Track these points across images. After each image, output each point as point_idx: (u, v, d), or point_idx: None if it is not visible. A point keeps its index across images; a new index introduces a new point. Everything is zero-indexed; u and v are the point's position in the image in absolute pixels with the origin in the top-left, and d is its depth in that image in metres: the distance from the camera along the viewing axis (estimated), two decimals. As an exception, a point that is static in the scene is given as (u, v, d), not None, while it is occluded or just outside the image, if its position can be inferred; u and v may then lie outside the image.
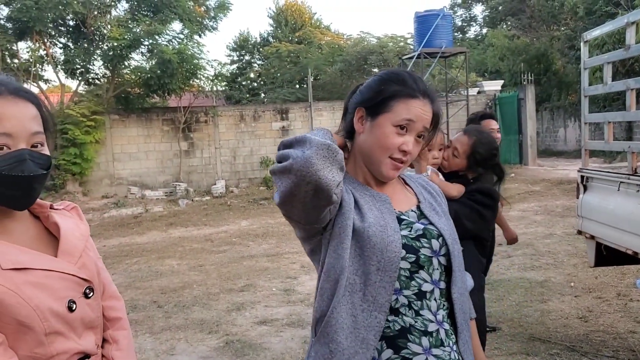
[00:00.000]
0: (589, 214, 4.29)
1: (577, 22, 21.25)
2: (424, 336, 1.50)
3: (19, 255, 1.29)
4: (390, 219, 1.53)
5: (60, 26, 16.04)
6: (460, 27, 36.08)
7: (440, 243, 1.57)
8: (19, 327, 1.25)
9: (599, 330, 4.71)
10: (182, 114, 16.30)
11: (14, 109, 1.28)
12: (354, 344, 1.46)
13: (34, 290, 1.27)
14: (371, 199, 1.58)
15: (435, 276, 1.55)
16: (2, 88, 1.29)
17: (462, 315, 1.60)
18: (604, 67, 4.18)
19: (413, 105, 1.56)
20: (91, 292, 1.40)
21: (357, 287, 1.48)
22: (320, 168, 1.35)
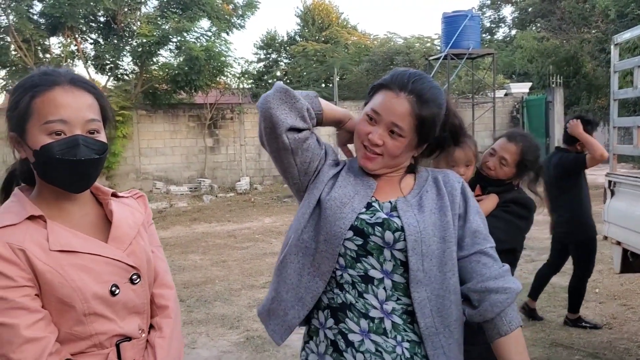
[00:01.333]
0: (615, 220, 4.23)
1: (608, 25, 20.88)
2: (363, 318, 1.55)
3: (70, 238, 1.37)
4: (358, 201, 1.59)
5: (91, 22, 16.30)
6: (488, 29, 35.73)
7: (395, 237, 1.53)
8: (61, 305, 1.33)
9: (623, 337, 4.64)
10: (208, 110, 16.45)
11: (70, 97, 1.36)
12: (293, 299, 1.60)
13: (78, 272, 1.34)
14: (355, 179, 1.65)
15: (386, 267, 1.55)
16: (62, 78, 1.37)
17: (431, 319, 1.53)
18: (634, 70, 4.12)
19: (385, 97, 1.59)
20: (138, 279, 1.46)
21: (310, 251, 1.59)
22: (273, 107, 1.53)
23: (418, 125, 1.57)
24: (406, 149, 1.61)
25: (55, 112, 1.34)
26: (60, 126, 1.34)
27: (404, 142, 1.58)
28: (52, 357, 1.30)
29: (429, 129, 1.60)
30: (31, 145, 1.36)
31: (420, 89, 1.58)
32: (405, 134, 1.57)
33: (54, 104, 1.34)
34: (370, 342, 1.54)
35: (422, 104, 1.57)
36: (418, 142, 1.62)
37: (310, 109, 1.61)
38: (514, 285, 1.55)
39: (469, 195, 1.66)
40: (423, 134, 1.60)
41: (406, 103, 1.56)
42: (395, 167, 1.67)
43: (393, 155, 1.60)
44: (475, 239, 1.59)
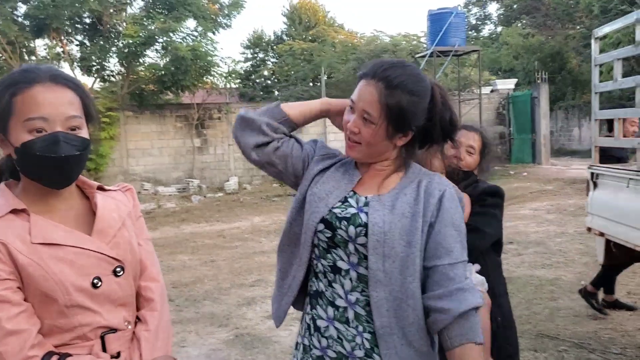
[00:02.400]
0: (598, 211, 4.29)
1: (593, 21, 21.07)
2: (330, 306, 1.65)
3: (52, 231, 1.39)
4: (336, 195, 1.66)
5: (77, 24, 16.20)
6: (474, 26, 35.90)
7: (357, 232, 1.56)
8: (43, 298, 1.34)
9: (608, 328, 4.71)
10: (195, 110, 16.42)
11: (50, 94, 1.37)
12: (286, 287, 1.75)
13: (60, 265, 1.36)
14: (343, 174, 1.71)
15: (352, 259, 1.60)
16: (42, 75, 1.38)
17: (387, 319, 1.54)
18: (614, 63, 4.18)
19: (360, 85, 1.62)
20: (121, 271, 1.47)
21: (296, 241, 1.70)
22: (238, 135, 1.74)
23: (387, 112, 1.56)
24: (380, 137, 1.59)
25: (35, 110, 1.35)
26: (41, 123, 1.35)
27: (375, 129, 1.57)
28: (34, 349, 1.32)
29: (400, 116, 1.57)
30: (13, 142, 1.37)
31: (389, 76, 1.57)
32: (375, 121, 1.57)
33: (34, 101, 1.35)
34: (333, 328, 1.63)
35: (389, 90, 1.56)
36: (393, 130, 1.59)
37: (270, 122, 1.71)
38: (454, 306, 1.49)
39: (448, 205, 1.59)
40: (394, 121, 1.57)
41: (374, 89, 1.57)
42: (379, 158, 1.66)
43: (368, 143, 1.60)
44: (436, 252, 1.55)
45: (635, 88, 3.91)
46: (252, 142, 1.71)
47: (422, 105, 1.60)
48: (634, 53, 3.94)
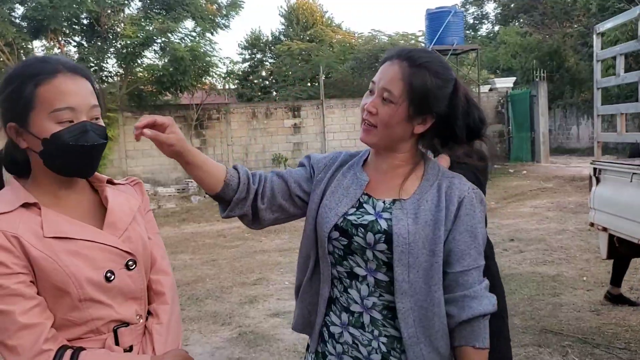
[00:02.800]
0: (601, 206, 4.29)
1: (590, 19, 21.09)
2: (344, 312, 1.62)
3: (65, 225, 1.38)
4: (346, 202, 1.60)
5: (75, 25, 16.19)
6: (472, 25, 35.96)
7: (376, 239, 1.52)
8: (56, 291, 1.34)
9: (611, 323, 4.71)
10: (194, 111, 16.41)
11: (74, 85, 1.37)
12: (314, 308, 1.68)
13: (72, 258, 1.35)
14: (350, 180, 1.64)
15: (370, 265, 1.56)
16: (61, 66, 1.37)
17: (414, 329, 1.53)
18: (616, 58, 4.18)
19: (382, 67, 1.58)
20: (134, 265, 1.46)
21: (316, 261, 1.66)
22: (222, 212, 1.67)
23: (409, 90, 1.51)
24: (399, 117, 1.53)
25: (62, 100, 1.34)
26: (69, 114, 1.35)
27: (395, 109, 1.52)
28: (48, 342, 1.30)
29: (422, 97, 1.51)
30: (37, 134, 1.35)
31: (414, 55, 1.54)
32: (396, 100, 1.51)
33: (59, 91, 1.35)
34: (348, 334, 1.60)
35: (414, 69, 1.51)
36: (414, 112, 1.53)
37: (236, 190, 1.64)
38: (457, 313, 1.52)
39: (465, 212, 1.55)
40: (416, 101, 1.51)
41: (397, 67, 1.53)
42: (395, 146, 1.59)
43: (386, 124, 1.53)
44: (448, 258, 1.53)
45: (637, 83, 3.92)
46: (237, 213, 1.66)
47: (445, 91, 1.54)
48: (637, 48, 3.94)
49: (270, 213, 1.67)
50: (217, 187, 1.63)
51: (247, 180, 1.65)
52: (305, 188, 1.69)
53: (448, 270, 1.53)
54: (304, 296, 1.71)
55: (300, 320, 1.74)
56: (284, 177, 1.70)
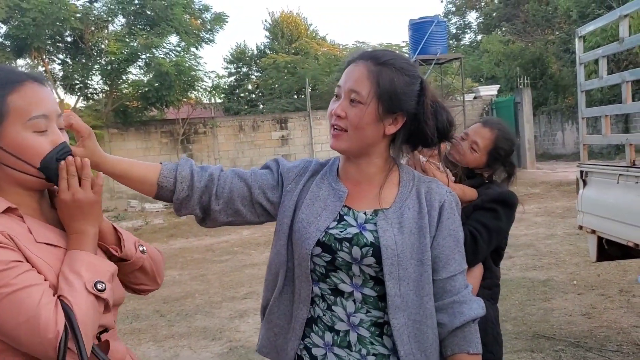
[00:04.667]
0: (589, 209, 4.30)
1: (571, 26, 21.35)
2: (328, 331, 1.52)
3: (49, 233, 1.34)
4: (326, 216, 1.52)
5: (58, 42, 16.14)
6: (454, 35, 36.29)
7: (363, 253, 1.46)
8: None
9: (603, 326, 4.71)
10: (180, 125, 16.36)
11: (43, 92, 1.34)
12: (290, 332, 1.57)
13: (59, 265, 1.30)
14: (327, 190, 1.57)
15: (356, 281, 1.50)
16: (26, 74, 1.34)
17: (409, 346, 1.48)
18: (599, 61, 4.21)
19: (345, 71, 1.54)
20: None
21: (291, 279, 1.56)
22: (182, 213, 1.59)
23: (376, 88, 1.47)
24: (369, 118, 1.48)
25: (37, 108, 1.30)
26: (44, 121, 1.30)
27: (364, 109, 1.47)
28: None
29: (390, 94, 1.47)
30: (7, 145, 1.28)
31: (377, 54, 1.51)
32: (364, 100, 1.47)
33: (34, 99, 1.30)
34: (333, 355, 1.51)
35: (379, 67, 1.48)
36: (384, 111, 1.48)
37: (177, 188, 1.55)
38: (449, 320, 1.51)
39: (447, 216, 1.53)
40: (385, 99, 1.47)
41: (362, 67, 1.49)
42: (368, 150, 1.53)
43: (356, 126, 1.48)
44: (435, 265, 1.51)
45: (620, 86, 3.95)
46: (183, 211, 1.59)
47: (412, 87, 1.51)
48: (619, 50, 3.98)
49: (225, 216, 1.59)
50: (152, 192, 1.55)
51: (188, 178, 1.54)
52: (270, 197, 1.60)
53: (435, 277, 1.51)
54: (271, 317, 1.61)
55: (266, 342, 1.63)
56: (246, 181, 1.60)
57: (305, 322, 1.54)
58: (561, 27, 25.14)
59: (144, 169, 1.53)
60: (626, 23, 3.80)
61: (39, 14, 13.89)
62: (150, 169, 1.54)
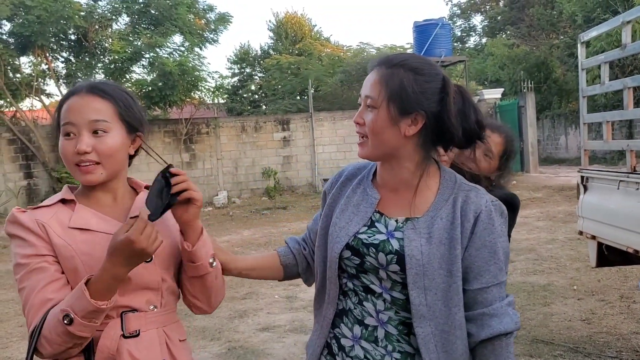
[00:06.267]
0: (589, 214, 4.29)
1: (576, 30, 21.31)
2: (357, 324, 1.56)
3: (91, 219, 1.56)
4: (356, 221, 1.56)
5: (62, 40, 16.15)
6: (459, 38, 36.23)
7: (387, 259, 1.48)
8: (72, 276, 1.51)
9: (602, 332, 4.70)
10: (183, 125, 16.36)
11: (79, 102, 1.55)
12: (318, 330, 1.65)
13: (87, 247, 1.51)
14: (360, 197, 1.60)
15: (385, 284, 1.52)
16: (81, 87, 1.58)
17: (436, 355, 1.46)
18: (601, 67, 4.21)
19: (365, 80, 1.56)
20: (150, 259, 1.54)
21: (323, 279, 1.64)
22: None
23: (387, 91, 1.47)
24: (383, 121, 1.48)
25: (66, 117, 1.54)
26: (70, 128, 1.53)
27: (377, 113, 1.48)
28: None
29: (401, 94, 1.46)
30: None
31: (390, 58, 1.52)
32: (377, 104, 1.48)
33: (68, 109, 1.55)
34: (360, 348, 1.54)
35: (389, 69, 1.49)
36: (397, 112, 1.47)
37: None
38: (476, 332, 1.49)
39: (482, 227, 1.48)
40: (396, 100, 1.47)
41: (376, 72, 1.51)
42: (393, 153, 1.52)
43: (372, 130, 1.49)
44: (466, 275, 1.48)
45: (622, 92, 3.94)
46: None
47: (429, 86, 1.49)
48: (621, 56, 3.97)
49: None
50: (280, 274, 1.78)
51: (300, 250, 1.78)
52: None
53: (466, 287, 1.48)
54: (314, 312, 1.73)
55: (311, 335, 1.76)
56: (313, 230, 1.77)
57: (332, 322, 1.61)
58: (566, 32, 25.10)
59: (267, 258, 1.79)
60: (629, 29, 3.80)
61: (43, 11, 13.91)
62: (270, 256, 1.78)
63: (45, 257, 1.50)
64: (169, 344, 1.60)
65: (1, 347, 5.31)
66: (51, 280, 1.48)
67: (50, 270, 1.49)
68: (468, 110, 1.53)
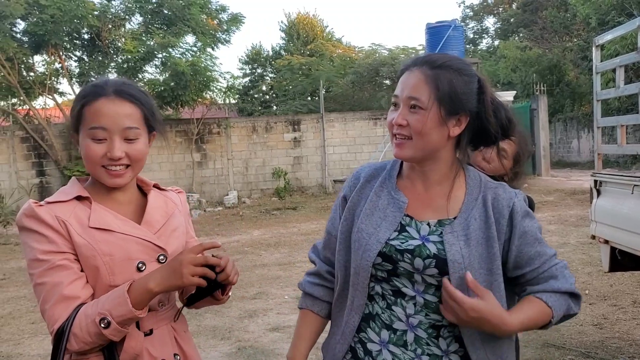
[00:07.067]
0: (602, 218, 4.26)
1: (590, 33, 21.17)
2: (385, 329, 1.54)
3: (109, 218, 1.58)
4: (385, 227, 1.54)
5: (76, 39, 16.27)
6: (472, 40, 36.12)
7: (425, 264, 1.48)
8: (92, 275, 1.53)
9: (614, 337, 4.66)
10: (195, 125, 16.43)
11: (111, 107, 1.55)
12: (339, 335, 1.62)
13: (110, 247, 1.53)
14: (386, 201, 1.57)
15: (418, 287, 1.52)
16: (108, 89, 1.57)
17: (483, 352, 1.49)
18: (616, 70, 4.17)
19: (401, 79, 1.55)
20: (164, 259, 1.61)
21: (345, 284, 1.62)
22: None
23: (436, 91, 1.47)
24: (432, 122, 1.48)
25: (97, 120, 1.54)
26: (102, 133, 1.54)
27: (426, 114, 1.47)
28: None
29: (451, 95, 1.47)
30: (80, 146, 1.60)
31: (432, 58, 1.52)
32: (425, 105, 1.47)
33: (97, 112, 1.55)
34: (388, 352, 1.53)
35: (435, 70, 1.49)
36: (446, 113, 1.48)
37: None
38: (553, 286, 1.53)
39: (520, 219, 1.50)
40: (446, 102, 1.47)
41: (419, 73, 1.50)
42: (434, 155, 1.53)
43: (420, 133, 1.48)
44: (517, 263, 1.52)
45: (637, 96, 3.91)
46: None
47: (472, 86, 1.51)
48: (637, 59, 3.94)
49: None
50: (325, 322, 1.75)
51: (327, 292, 1.72)
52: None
53: (520, 272, 1.52)
54: (333, 315, 1.69)
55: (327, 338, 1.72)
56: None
57: (355, 329, 1.58)
58: (580, 34, 24.94)
59: (312, 325, 1.73)
60: (645, 32, 3.76)
61: (57, 11, 14.03)
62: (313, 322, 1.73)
63: (65, 254, 1.50)
64: (177, 338, 1.67)
65: (13, 343, 5.35)
66: (75, 279, 1.49)
67: (73, 268, 1.50)
68: (498, 106, 1.56)
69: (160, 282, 1.46)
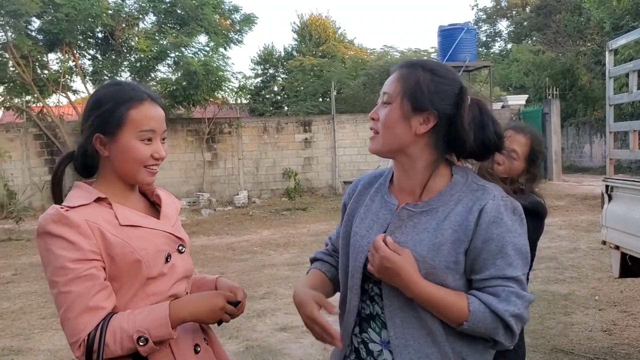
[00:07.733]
0: (613, 224, 4.24)
1: (604, 37, 21.05)
2: (385, 328, 1.55)
3: (133, 216, 1.65)
4: (377, 229, 1.57)
5: (90, 38, 16.41)
6: (484, 43, 36.00)
7: None
8: (131, 271, 1.58)
9: (624, 343, 4.63)
10: (206, 125, 16.50)
11: (156, 112, 1.67)
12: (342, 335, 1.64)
13: (142, 242, 1.61)
14: (379, 204, 1.62)
15: None
16: (147, 94, 1.67)
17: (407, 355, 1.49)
18: (629, 75, 4.15)
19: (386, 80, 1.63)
20: (184, 249, 1.72)
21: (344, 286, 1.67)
22: None
23: (403, 87, 1.52)
24: (395, 115, 1.52)
25: (147, 123, 1.64)
26: (151, 134, 1.64)
27: (391, 108, 1.53)
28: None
29: (415, 90, 1.50)
30: (120, 147, 1.62)
31: (411, 60, 1.60)
32: (392, 99, 1.53)
33: (146, 116, 1.64)
34: (388, 352, 1.54)
35: (409, 69, 1.55)
36: (410, 108, 1.50)
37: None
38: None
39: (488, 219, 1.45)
40: (409, 96, 1.50)
41: (396, 72, 1.57)
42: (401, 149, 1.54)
43: (384, 124, 1.53)
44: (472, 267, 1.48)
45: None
46: None
47: (445, 88, 1.51)
48: (650, 64, 3.91)
49: None
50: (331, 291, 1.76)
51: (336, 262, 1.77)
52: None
53: (472, 277, 1.47)
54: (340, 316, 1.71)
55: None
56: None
57: (358, 327, 1.62)
58: (593, 39, 24.79)
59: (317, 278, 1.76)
60: (659, 37, 3.74)
61: (72, 9, 14.15)
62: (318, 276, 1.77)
63: (92, 262, 1.52)
64: (202, 325, 1.75)
65: (24, 338, 5.40)
66: (100, 289, 1.52)
67: (100, 278, 1.53)
68: (486, 120, 1.54)
69: (195, 316, 1.58)
